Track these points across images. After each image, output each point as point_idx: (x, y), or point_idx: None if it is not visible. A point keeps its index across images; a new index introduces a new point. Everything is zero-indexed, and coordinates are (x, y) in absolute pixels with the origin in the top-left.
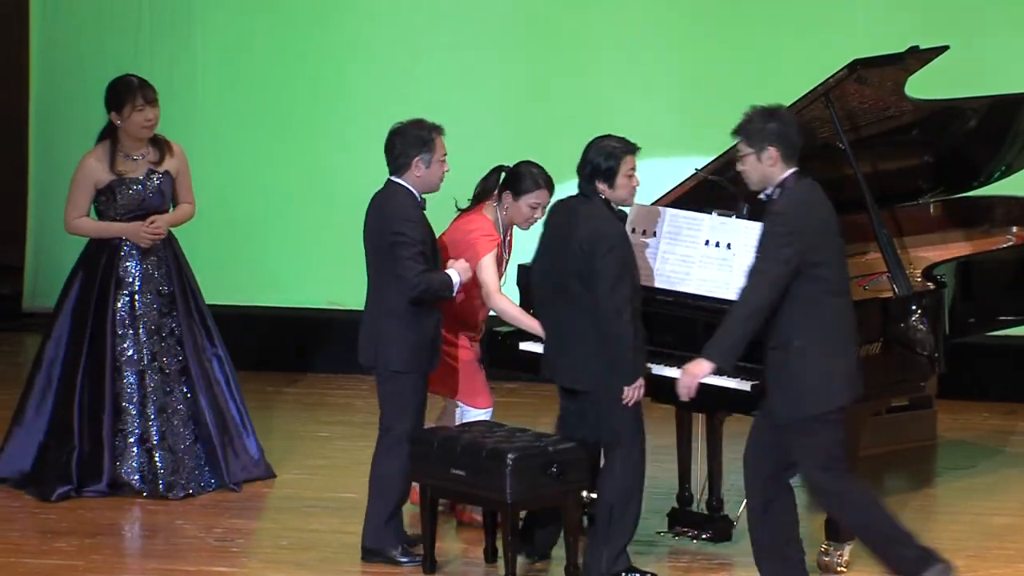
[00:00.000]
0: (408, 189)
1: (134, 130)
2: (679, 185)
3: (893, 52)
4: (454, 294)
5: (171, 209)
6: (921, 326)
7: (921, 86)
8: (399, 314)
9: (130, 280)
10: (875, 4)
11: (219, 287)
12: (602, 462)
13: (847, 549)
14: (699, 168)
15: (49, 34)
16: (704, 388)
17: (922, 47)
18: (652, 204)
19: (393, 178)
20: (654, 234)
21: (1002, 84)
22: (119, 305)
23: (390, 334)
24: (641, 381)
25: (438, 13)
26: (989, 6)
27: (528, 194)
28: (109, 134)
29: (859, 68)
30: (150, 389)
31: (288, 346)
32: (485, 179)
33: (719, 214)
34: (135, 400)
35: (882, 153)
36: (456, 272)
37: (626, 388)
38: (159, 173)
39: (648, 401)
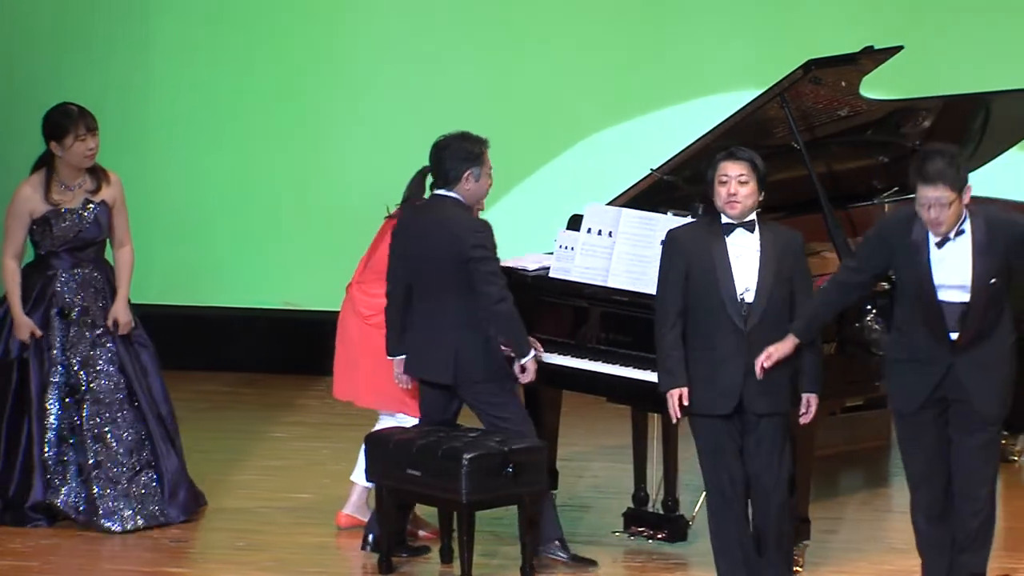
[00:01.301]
0: (461, 201)
1: (75, 160)
2: (634, 185)
3: (847, 52)
4: (523, 356)
5: (107, 241)
6: (876, 326)
7: (877, 87)
8: (473, 325)
9: (66, 310)
10: (828, 4)
11: (174, 289)
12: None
13: None
14: (654, 168)
15: (5, 48)
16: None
17: (876, 47)
18: (607, 204)
19: (443, 191)
20: (610, 234)
21: (956, 85)
22: (52, 331)
23: (464, 345)
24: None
25: (393, 17)
26: (944, 7)
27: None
28: (45, 163)
29: (814, 68)
30: (86, 415)
31: (244, 347)
32: (415, 183)
33: (674, 214)
34: (72, 428)
35: (837, 153)
36: (534, 350)
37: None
38: (95, 203)
39: (604, 401)
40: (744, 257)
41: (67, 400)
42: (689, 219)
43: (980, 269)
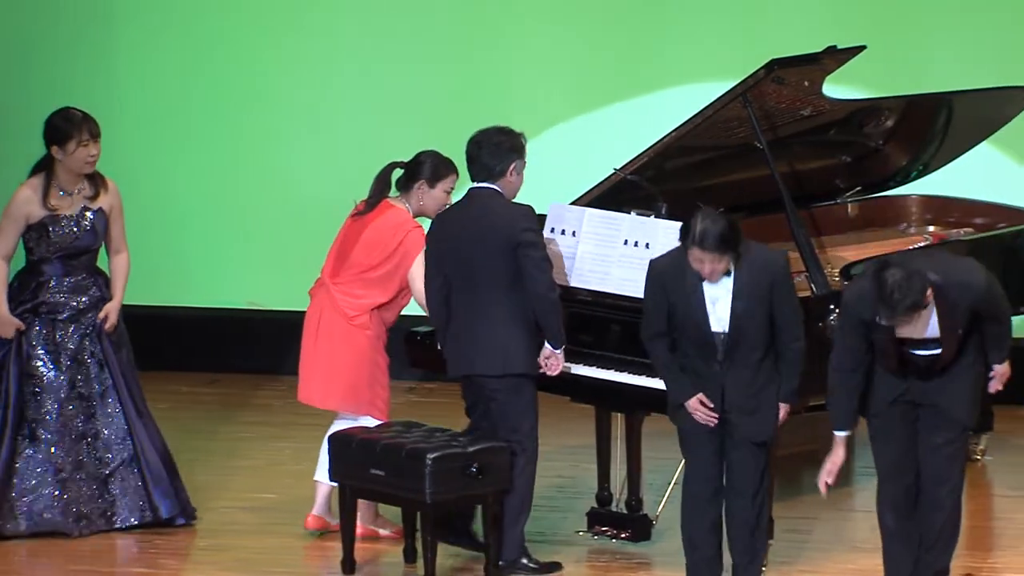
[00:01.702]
0: (500, 193)
1: (77, 165)
2: (597, 185)
3: (810, 52)
4: (559, 345)
5: (102, 247)
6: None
7: (840, 86)
8: (519, 320)
9: (54, 314)
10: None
11: (138, 288)
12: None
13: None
14: (618, 168)
15: None
16: (623, 387)
17: (839, 47)
18: (571, 204)
19: (487, 184)
20: (573, 234)
21: (920, 85)
22: (37, 330)
23: (512, 338)
24: None
25: (354, 18)
26: (908, 7)
27: (444, 180)
28: (45, 167)
29: (776, 68)
30: (69, 414)
31: (207, 347)
32: (381, 177)
33: (638, 214)
34: (53, 428)
35: (800, 153)
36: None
37: None
38: (93, 210)
39: (568, 401)
40: (722, 300)
41: (49, 398)
42: (653, 218)
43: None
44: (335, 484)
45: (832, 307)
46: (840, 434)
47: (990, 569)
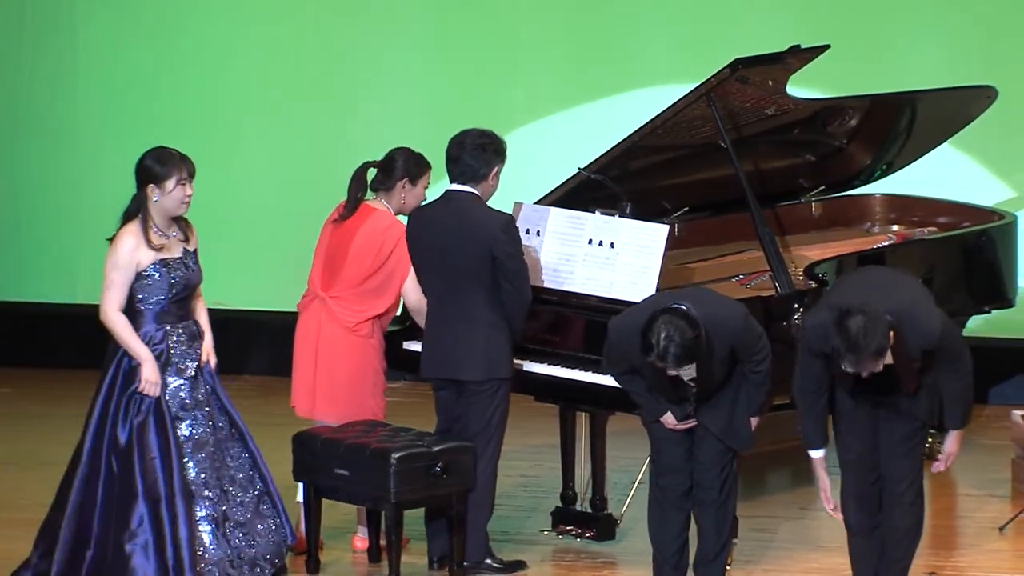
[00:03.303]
0: (479, 197)
1: (173, 205)
2: (562, 184)
3: (774, 51)
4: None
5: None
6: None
7: (804, 86)
8: (495, 323)
9: (181, 364)
10: (760, 3)
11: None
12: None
13: None
14: (582, 167)
15: None
16: (587, 387)
17: (803, 46)
18: (535, 203)
19: (467, 188)
20: (538, 233)
21: (884, 84)
22: (175, 387)
23: (494, 343)
24: None
25: (326, 17)
26: (872, 7)
27: (424, 176)
28: (138, 210)
29: (741, 67)
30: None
31: None
32: (357, 178)
33: (602, 213)
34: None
35: (764, 152)
36: None
37: None
38: (191, 252)
39: (532, 400)
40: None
41: (198, 455)
42: (617, 217)
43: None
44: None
45: (796, 306)
46: (816, 454)
47: (953, 567)
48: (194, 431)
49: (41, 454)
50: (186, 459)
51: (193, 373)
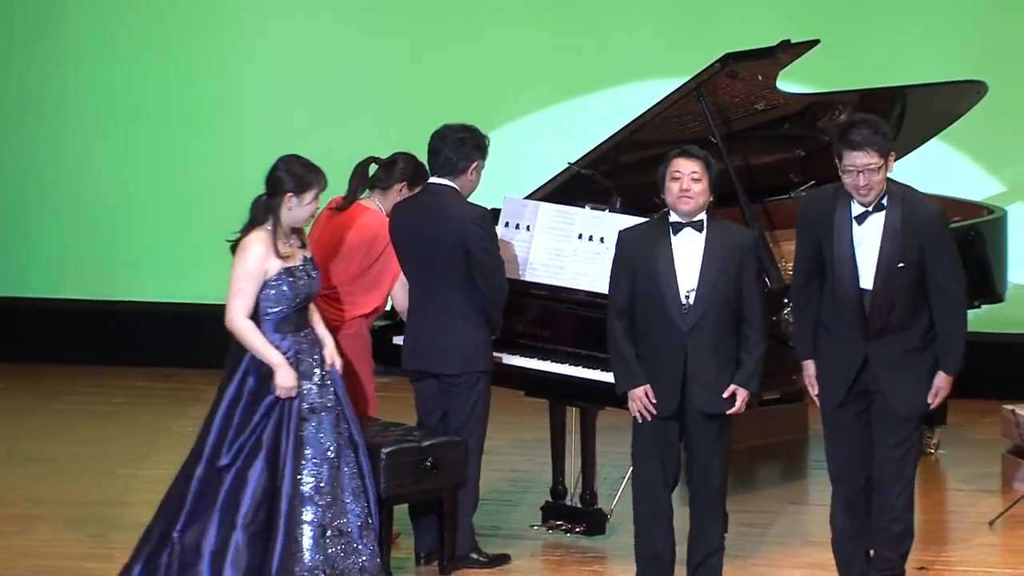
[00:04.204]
0: (459, 191)
1: (303, 216)
2: (552, 179)
3: (764, 46)
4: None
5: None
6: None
7: (794, 81)
8: (471, 317)
9: (308, 370)
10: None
11: (91, 282)
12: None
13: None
14: (572, 162)
15: None
16: (578, 381)
17: (793, 41)
18: (525, 198)
19: (445, 180)
20: (528, 228)
21: (874, 79)
22: (304, 390)
23: (470, 337)
24: None
25: (306, 11)
26: (861, 2)
27: (422, 185)
28: (267, 217)
29: (731, 62)
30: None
31: (162, 341)
32: (359, 172)
33: (592, 208)
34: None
35: (754, 147)
36: None
37: None
38: (309, 258)
39: (522, 395)
40: (690, 258)
41: (316, 459)
42: (607, 212)
43: (888, 250)
44: None
45: (786, 301)
46: (807, 361)
47: (944, 563)
48: (318, 434)
49: (32, 450)
50: (303, 462)
51: (319, 380)
